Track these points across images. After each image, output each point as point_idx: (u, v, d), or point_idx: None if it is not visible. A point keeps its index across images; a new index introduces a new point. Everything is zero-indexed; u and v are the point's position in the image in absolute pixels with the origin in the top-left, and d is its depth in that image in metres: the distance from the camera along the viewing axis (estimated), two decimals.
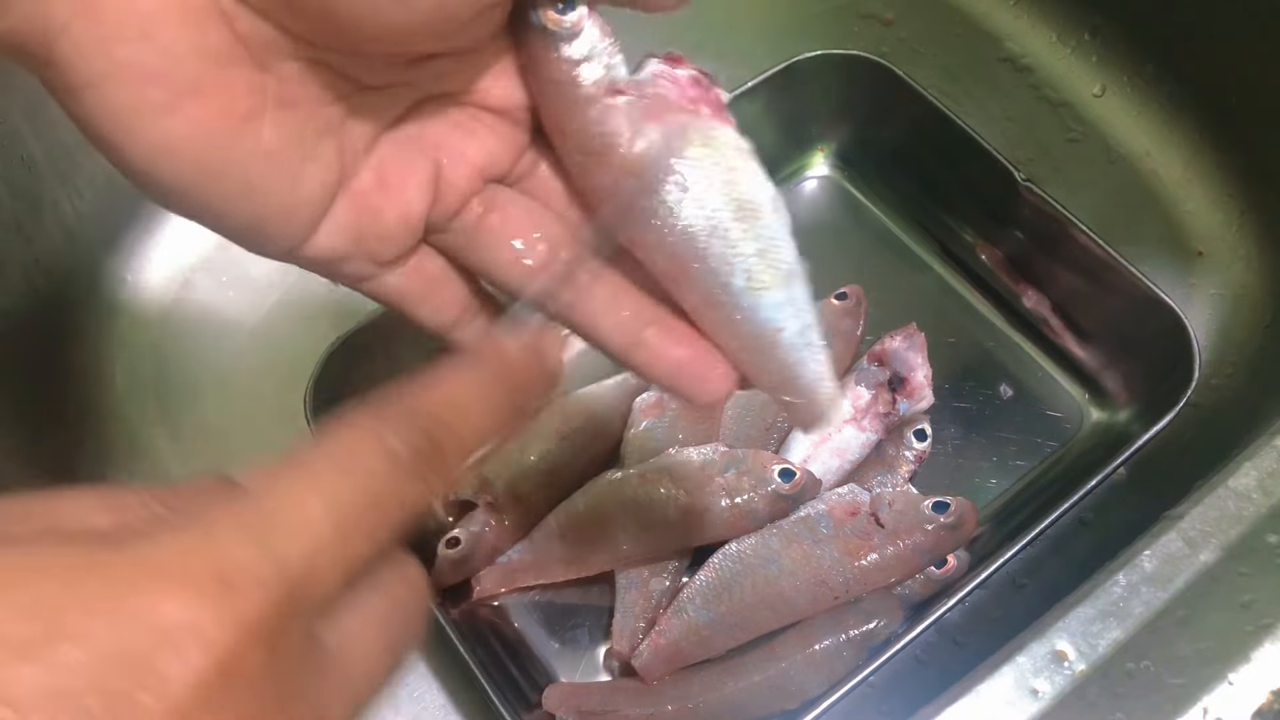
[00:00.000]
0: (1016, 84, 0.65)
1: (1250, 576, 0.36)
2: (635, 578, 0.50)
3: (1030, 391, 0.57)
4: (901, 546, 0.47)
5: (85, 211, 0.59)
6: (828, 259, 0.60)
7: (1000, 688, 0.35)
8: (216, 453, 0.57)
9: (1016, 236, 0.57)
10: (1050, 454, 0.55)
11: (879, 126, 0.61)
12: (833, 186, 0.63)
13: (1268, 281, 0.57)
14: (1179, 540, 0.37)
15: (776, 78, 0.57)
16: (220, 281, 0.62)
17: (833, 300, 0.56)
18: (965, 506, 0.48)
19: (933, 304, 0.59)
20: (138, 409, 0.58)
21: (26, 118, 0.55)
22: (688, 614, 0.48)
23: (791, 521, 0.48)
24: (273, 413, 0.57)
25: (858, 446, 0.52)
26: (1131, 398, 0.54)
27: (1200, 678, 0.34)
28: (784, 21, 0.68)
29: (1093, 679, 0.35)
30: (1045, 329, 0.58)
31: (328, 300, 0.61)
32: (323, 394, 0.50)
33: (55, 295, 0.58)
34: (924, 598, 0.49)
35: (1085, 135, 0.63)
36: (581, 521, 0.49)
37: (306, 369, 0.51)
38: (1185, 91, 0.60)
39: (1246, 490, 0.38)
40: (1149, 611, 0.36)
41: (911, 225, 0.62)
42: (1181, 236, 0.60)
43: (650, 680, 0.48)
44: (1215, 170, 0.60)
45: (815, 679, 0.46)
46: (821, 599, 0.47)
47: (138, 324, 0.60)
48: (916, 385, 0.53)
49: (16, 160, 0.55)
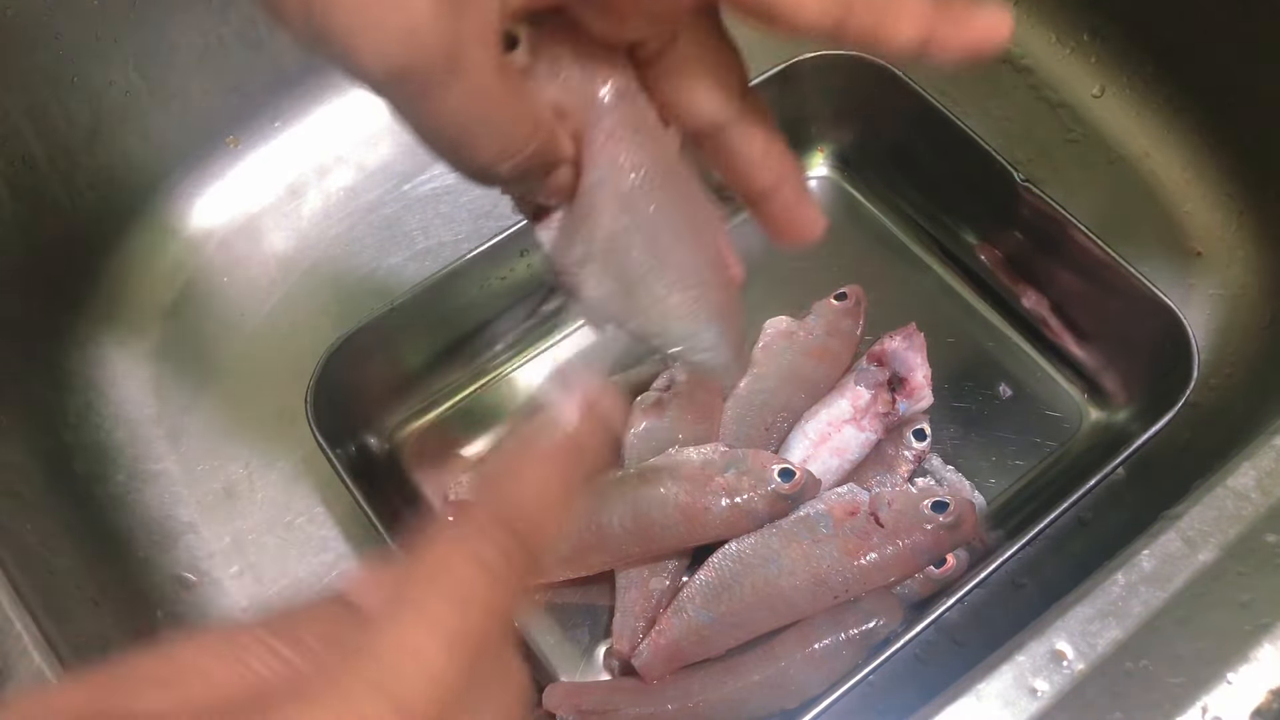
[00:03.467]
0: (1016, 84, 0.65)
1: (1249, 576, 0.36)
2: (635, 578, 0.50)
3: (1029, 391, 0.57)
4: (901, 546, 0.47)
5: (85, 211, 0.59)
6: (828, 259, 0.60)
7: (999, 687, 0.35)
8: (217, 453, 0.57)
9: (1016, 237, 0.57)
10: (1049, 454, 0.55)
11: (878, 127, 0.61)
12: (832, 187, 0.63)
13: (1266, 281, 0.57)
14: (1178, 540, 0.37)
15: (776, 78, 0.57)
16: (221, 282, 0.62)
17: (832, 300, 0.56)
18: (964, 506, 0.48)
19: (932, 304, 0.59)
20: (138, 409, 0.58)
21: (27, 118, 0.55)
22: (688, 613, 0.48)
23: (791, 521, 0.48)
24: (273, 413, 0.57)
25: (857, 446, 0.52)
26: (1130, 398, 0.54)
27: (1199, 677, 0.34)
28: None
29: (1092, 678, 0.35)
30: (1044, 329, 0.58)
31: (328, 300, 0.61)
32: (323, 394, 0.50)
33: (56, 295, 0.59)
34: (923, 597, 0.49)
35: (1084, 136, 0.63)
36: (581, 521, 0.49)
37: (306, 369, 0.51)
38: (1184, 92, 0.61)
39: (1245, 490, 0.38)
40: (1148, 611, 0.36)
41: (911, 225, 0.62)
42: (1180, 237, 0.60)
43: (650, 679, 0.48)
44: (1214, 171, 0.60)
45: (815, 678, 0.46)
46: (821, 598, 0.47)
47: (138, 324, 0.60)
48: (916, 385, 0.53)
49: (17, 160, 0.55)
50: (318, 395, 0.50)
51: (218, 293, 0.62)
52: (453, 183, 0.64)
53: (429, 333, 0.56)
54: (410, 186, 0.64)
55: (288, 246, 0.63)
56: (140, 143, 0.60)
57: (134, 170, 0.61)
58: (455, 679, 0.19)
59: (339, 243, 0.63)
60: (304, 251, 0.63)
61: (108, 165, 0.59)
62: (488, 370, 0.58)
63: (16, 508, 0.49)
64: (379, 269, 0.62)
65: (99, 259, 0.60)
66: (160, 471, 0.56)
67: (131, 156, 0.60)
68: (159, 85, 0.59)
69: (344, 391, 0.52)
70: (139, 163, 0.61)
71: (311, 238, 0.63)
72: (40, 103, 0.56)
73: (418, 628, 0.19)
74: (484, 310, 0.57)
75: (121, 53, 0.57)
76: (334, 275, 0.62)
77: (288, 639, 0.20)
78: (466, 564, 0.21)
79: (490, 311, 0.57)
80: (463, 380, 0.58)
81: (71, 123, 0.57)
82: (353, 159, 0.65)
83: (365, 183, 0.65)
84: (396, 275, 0.61)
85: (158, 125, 0.60)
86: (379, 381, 0.55)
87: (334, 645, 0.19)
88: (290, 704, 0.18)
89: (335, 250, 0.63)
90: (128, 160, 0.60)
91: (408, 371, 0.56)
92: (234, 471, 0.56)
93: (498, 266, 0.56)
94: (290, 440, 0.56)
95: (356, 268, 0.62)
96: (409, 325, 0.54)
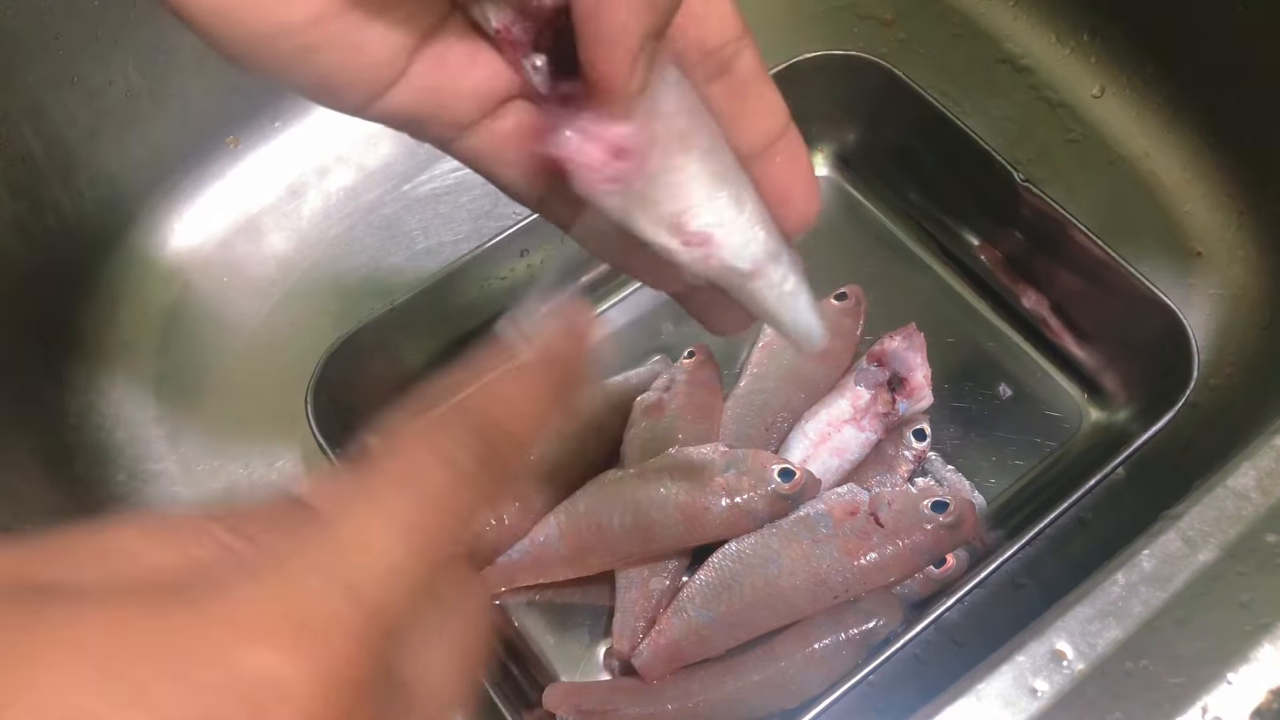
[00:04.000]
0: (1016, 84, 0.65)
1: (1249, 576, 0.36)
2: (635, 577, 0.50)
3: (1029, 391, 0.57)
4: (901, 546, 0.47)
5: (85, 211, 0.59)
6: (828, 259, 0.60)
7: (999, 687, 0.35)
8: (217, 453, 0.57)
9: (1016, 237, 0.57)
10: (1049, 454, 0.55)
11: (879, 127, 0.61)
12: (832, 187, 0.63)
13: (1266, 281, 0.57)
14: (1178, 540, 0.37)
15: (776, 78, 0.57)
16: (221, 282, 0.62)
17: (832, 300, 0.56)
18: (964, 506, 0.48)
19: (932, 304, 0.59)
20: (138, 409, 0.58)
21: (27, 118, 0.55)
22: (688, 613, 0.48)
23: (791, 521, 0.48)
24: (273, 413, 0.57)
25: (857, 446, 0.52)
26: (1130, 398, 0.54)
27: (1199, 677, 0.34)
28: (784, 22, 0.68)
29: (1092, 678, 0.35)
30: (1044, 329, 0.58)
31: (328, 300, 0.61)
32: (323, 394, 0.50)
33: (56, 295, 0.59)
34: (923, 597, 0.49)
35: (1084, 136, 0.63)
36: (581, 521, 0.49)
37: (306, 369, 0.51)
38: (1184, 92, 0.61)
39: (1245, 490, 0.38)
40: (1148, 611, 0.36)
41: (911, 225, 0.62)
42: (1180, 237, 0.60)
43: (650, 679, 0.48)
44: (1214, 171, 0.60)
45: (815, 678, 0.46)
46: (821, 598, 0.47)
47: (139, 324, 0.60)
48: (916, 385, 0.53)
49: (17, 160, 0.55)
50: (318, 395, 0.50)
51: (218, 293, 0.62)
52: (453, 183, 0.64)
53: (429, 333, 0.56)
54: (410, 186, 0.64)
55: (288, 246, 0.63)
56: (140, 143, 0.60)
57: (134, 170, 0.61)
58: (412, 574, 0.18)
59: (339, 243, 0.63)
60: (304, 251, 0.63)
61: (108, 165, 0.59)
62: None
63: (16, 508, 0.49)
64: (379, 269, 0.62)
65: (99, 259, 0.60)
66: (160, 471, 0.56)
67: (131, 156, 0.60)
68: (159, 85, 0.59)
69: (344, 391, 0.52)
70: (139, 163, 0.61)
71: (311, 238, 0.63)
72: (40, 103, 0.56)
73: (374, 518, 0.18)
74: (484, 310, 0.57)
75: (121, 53, 0.57)
76: (334, 275, 0.62)
77: (230, 526, 0.18)
78: (429, 460, 0.19)
79: (490, 311, 0.57)
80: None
81: (71, 123, 0.57)
82: (353, 159, 0.65)
83: (365, 183, 0.65)
84: (396, 275, 0.61)
85: (158, 125, 0.60)
86: (379, 381, 0.55)
87: (283, 536, 0.18)
88: (234, 583, 0.16)
89: (335, 250, 0.63)
90: (128, 160, 0.60)
91: (408, 371, 0.56)
92: (234, 471, 0.56)
93: (498, 266, 0.56)
94: (290, 440, 0.56)
95: (356, 268, 0.62)
96: (409, 325, 0.54)
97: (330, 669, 0.16)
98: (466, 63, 0.25)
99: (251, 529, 0.18)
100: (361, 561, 0.17)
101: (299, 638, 0.16)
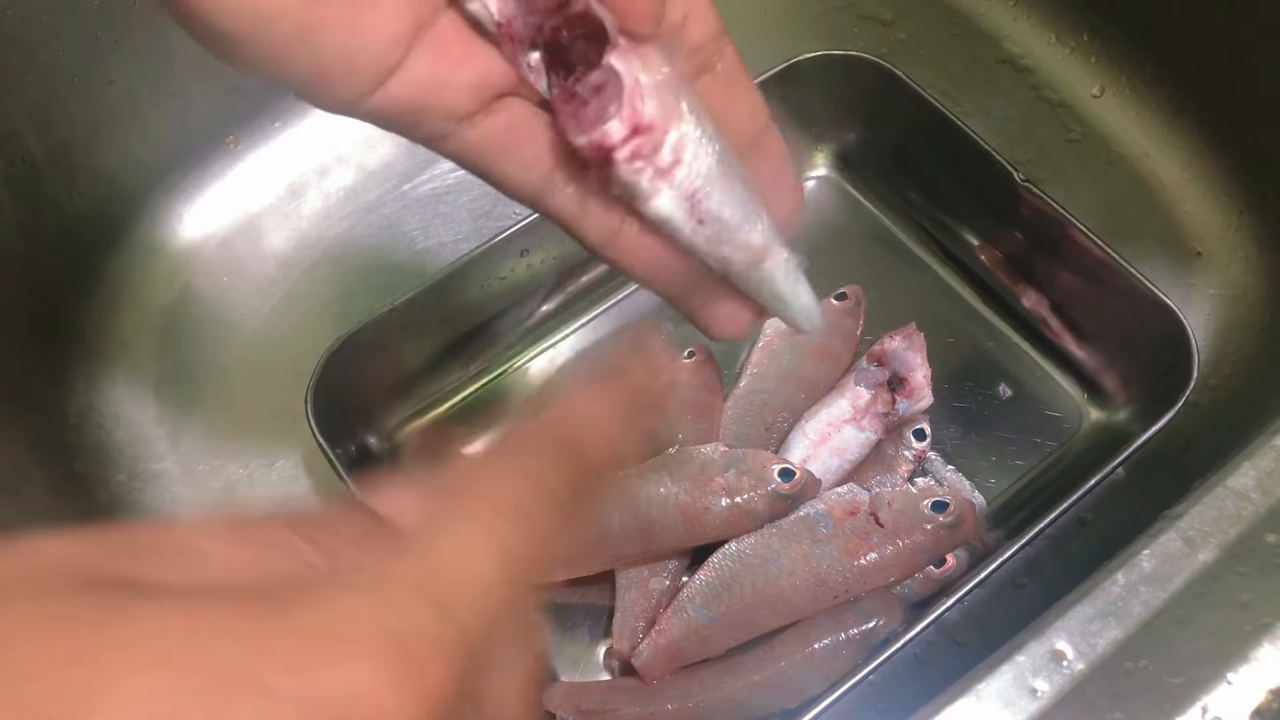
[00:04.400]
0: (1016, 84, 0.65)
1: (1249, 576, 0.36)
2: (635, 578, 0.50)
3: (1029, 391, 0.57)
4: (901, 546, 0.47)
5: (85, 212, 0.59)
6: (827, 259, 0.60)
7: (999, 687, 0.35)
8: (217, 453, 0.57)
9: (1016, 237, 0.57)
10: (1049, 454, 0.55)
11: (879, 127, 0.61)
12: (832, 187, 0.63)
13: (1266, 281, 0.57)
14: (1178, 540, 0.37)
15: (776, 78, 0.57)
16: (221, 282, 0.62)
17: (832, 300, 0.56)
18: (964, 506, 0.48)
19: (932, 304, 0.59)
20: (138, 409, 0.58)
21: (27, 118, 0.55)
22: (688, 613, 0.48)
23: (791, 521, 0.48)
24: (273, 413, 0.57)
25: (857, 446, 0.52)
26: (1130, 398, 0.54)
27: (1199, 677, 0.34)
28: (783, 22, 0.68)
29: (1092, 678, 0.35)
30: (1044, 329, 0.58)
31: (328, 300, 0.61)
32: (323, 394, 0.50)
33: (56, 295, 0.59)
34: (923, 597, 0.49)
35: (1084, 136, 0.63)
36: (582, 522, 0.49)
37: (306, 369, 0.51)
38: (1184, 92, 0.61)
39: (1245, 490, 0.38)
40: (1148, 611, 0.36)
41: (911, 225, 0.62)
42: (1180, 237, 0.60)
43: (650, 679, 0.48)
44: (1214, 171, 0.60)
45: (815, 678, 0.46)
46: (821, 598, 0.47)
47: (138, 324, 0.60)
48: (916, 385, 0.53)
49: (17, 160, 0.55)
50: (318, 395, 0.50)
51: (218, 293, 0.62)
52: (453, 183, 0.64)
53: (429, 333, 0.56)
54: (410, 186, 0.64)
55: (288, 246, 0.63)
56: (140, 143, 0.60)
57: (134, 170, 0.61)
58: (502, 595, 0.17)
59: (339, 243, 0.63)
60: (304, 251, 0.63)
61: (108, 165, 0.59)
62: (488, 371, 0.58)
63: (16, 508, 0.49)
64: (379, 269, 0.62)
65: (99, 259, 0.60)
66: (160, 471, 0.56)
67: (131, 156, 0.60)
68: (159, 85, 0.59)
69: (344, 391, 0.52)
70: (139, 162, 0.61)
71: (311, 238, 0.63)
72: (40, 103, 0.56)
73: (471, 539, 0.17)
74: (484, 310, 0.57)
75: (121, 53, 0.57)
76: (334, 275, 0.62)
77: (306, 536, 0.17)
78: (522, 482, 0.19)
79: (490, 311, 0.57)
80: (462, 380, 0.58)
81: (71, 123, 0.57)
82: (353, 159, 0.65)
83: (365, 183, 0.65)
84: (396, 275, 0.61)
85: (158, 125, 0.60)
86: (379, 381, 0.55)
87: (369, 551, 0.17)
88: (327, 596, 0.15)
89: (335, 250, 0.63)
90: (128, 160, 0.60)
91: (408, 371, 0.56)
92: (234, 471, 0.56)
93: (498, 266, 0.56)
94: (290, 440, 0.56)
95: (356, 268, 0.62)
96: (409, 325, 0.54)
97: (422, 690, 0.15)
98: (464, 54, 0.25)
99: (329, 540, 0.18)
100: (457, 583, 0.17)
101: (393, 656, 0.15)
